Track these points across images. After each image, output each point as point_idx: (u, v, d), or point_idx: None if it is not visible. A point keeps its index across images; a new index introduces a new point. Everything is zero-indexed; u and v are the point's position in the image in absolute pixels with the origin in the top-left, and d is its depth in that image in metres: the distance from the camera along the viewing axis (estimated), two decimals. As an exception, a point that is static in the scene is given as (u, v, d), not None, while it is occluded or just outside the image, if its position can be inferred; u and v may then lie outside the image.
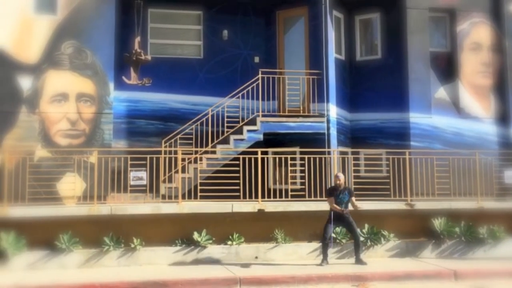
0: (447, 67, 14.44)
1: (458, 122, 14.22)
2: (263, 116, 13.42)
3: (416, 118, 13.86)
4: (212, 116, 13.33)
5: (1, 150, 11.79)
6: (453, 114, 14.24)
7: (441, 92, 14.31)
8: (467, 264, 11.20)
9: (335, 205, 10.97)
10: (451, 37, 14.61)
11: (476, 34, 14.61)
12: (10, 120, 12.28)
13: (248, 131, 13.23)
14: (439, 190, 12.77)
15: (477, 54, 14.58)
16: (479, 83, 14.54)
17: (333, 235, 11.55)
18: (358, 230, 11.25)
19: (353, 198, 11.15)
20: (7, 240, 10.40)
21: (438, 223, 12.18)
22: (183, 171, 12.33)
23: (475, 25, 14.61)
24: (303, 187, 12.51)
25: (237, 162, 12.03)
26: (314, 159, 12.45)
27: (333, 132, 13.65)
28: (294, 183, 12.68)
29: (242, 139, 13.17)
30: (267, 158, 12.80)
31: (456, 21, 14.51)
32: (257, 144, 12.96)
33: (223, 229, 11.45)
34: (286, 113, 13.78)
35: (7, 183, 11.11)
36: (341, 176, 11.26)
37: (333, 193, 11.09)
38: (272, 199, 12.06)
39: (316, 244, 11.63)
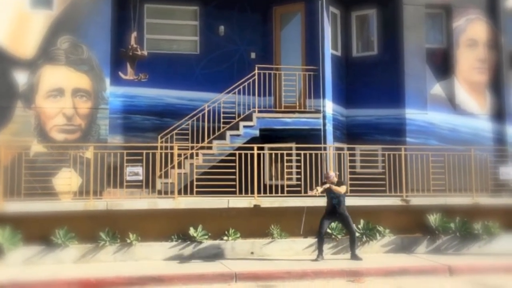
0: (443, 64, 14.48)
1: (454, 119, 14.28)
2: (259, 112, 13.42)
3: (412, 114, 13.90)
4: (208, 111, 13.32)
5: (-3, 145, 11.78)
6: (449, 110, 14.29)
7: (437, 88, 14.36)
8: (462, 260, 11.24)
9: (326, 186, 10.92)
10: (447, 34, 14.65)
11: (472, 31, 14.65)
12: (6, 115, 12.26)
13: (244, 126, 13.24)
14: (435, 186, 12.83)
15: (473, 50, 14.63)
16: (475, 80, 14.59)
17: (328, 230, 11.60)
18: (354, 225, 11.28)
19: (344, 186, 11.12)
20: (3, 235, 10.40)
21: (433, 219, 12.22)
22: (179, 166, 12.33)
23: (471, 22, 14.65)
24: (299, 182, 12.53)
25: (233, 157, 12.04)
26: (310, 155, 12.48)
27: (329, 128, 13.67)
28: (290, 179, 12.70)
29: (238, 135, 13.18)
30: (263, 153, 12.83)
31: (452, 17, 14.56)
32: (253, 140, 12.97)
33: (219, 224, 11.47)
34: (282, 109, 13.76)
35: (3, 178, 11.09)
36: (332, 174, 11.21)
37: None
38: (268, 194, 12.09)
39: (311, 240, 11.66)
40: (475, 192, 12.81)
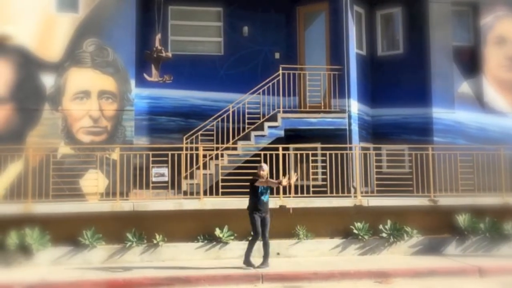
0: (470, 62, 14.26)
1: (482, 117, 14.05)
2: (284, 112, 13.39)
3: (439, 113, 13.71)
4: (233, 112, 13.33)
5: (25, 147, 11.93)
6: (477, 109, 14.07)
7: (464, 87, 14.15)
8: (492, 261, 11.05)
9: (271, 180, 10.41)
10: (474, 31, 14.42)
11: (500, 28, 14.41)
12: (34, 118, 12.44)
13: (269, 127, 13.21)
14: (463, 186, 12.61)
15: (502, 47, 14.38)
16: (504, 77, 14.33)
17: (354, 231, 11.52)
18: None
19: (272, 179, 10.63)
20: (31, 236, 10.54)
21: (462, 219, 12.03)
22: (205, 167, 12.35)
23: (499, 19, 14.40)
24: (324, 183, 12.45)
25: (258, 158, 12.00)
26: (336, 155, 12.38)
27: (355, 127, 13.56)
28: (316, 179, 12.63)
29: (263, 135, 13.15)
30: (288, 154, 12.76)
31: (479, 14, 14.34)
32: (278, 140, 12.93)
33: (245, 225, 11.39)
34: (307, 109, 13.72)
35: (31, 180, 11.22)
36: (265, 166, 10.68)
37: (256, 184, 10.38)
38: (293, 195, 12.02)
39: (338, 240, 11.58)
40: (505, 192, 12.56)
